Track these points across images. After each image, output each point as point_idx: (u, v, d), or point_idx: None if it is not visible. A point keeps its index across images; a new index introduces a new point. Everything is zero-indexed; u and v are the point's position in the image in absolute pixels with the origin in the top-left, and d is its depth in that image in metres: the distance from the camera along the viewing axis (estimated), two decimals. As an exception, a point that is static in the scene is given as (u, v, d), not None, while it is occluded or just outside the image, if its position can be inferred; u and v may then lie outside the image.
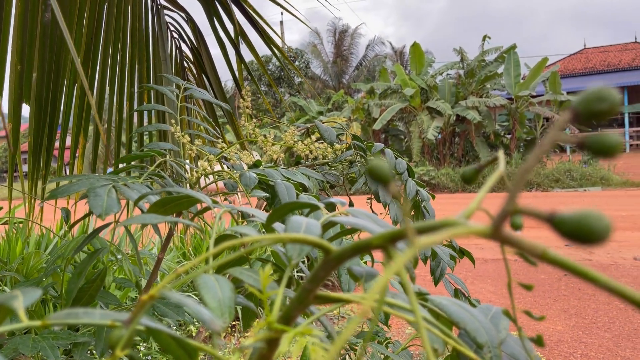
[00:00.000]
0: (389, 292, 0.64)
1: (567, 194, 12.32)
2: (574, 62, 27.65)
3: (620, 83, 22.22)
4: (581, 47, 29.60)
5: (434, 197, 1.27)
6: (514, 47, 17.41)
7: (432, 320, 0.35)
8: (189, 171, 1.06)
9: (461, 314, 0.40)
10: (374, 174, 0.21)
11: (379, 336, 1.49)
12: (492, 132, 17.30)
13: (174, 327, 3.18)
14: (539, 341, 0.35)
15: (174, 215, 0.81)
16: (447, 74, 18.91)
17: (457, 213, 0.25)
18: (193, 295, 3.47)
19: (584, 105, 0.18)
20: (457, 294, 1.09)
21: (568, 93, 17.77)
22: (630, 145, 22.25)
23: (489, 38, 17.81)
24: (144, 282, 1.56)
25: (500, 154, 0.31)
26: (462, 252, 1.19)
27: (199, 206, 1.28)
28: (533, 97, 17.10)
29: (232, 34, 2.05)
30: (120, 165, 1.01)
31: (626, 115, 22.74)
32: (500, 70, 17.54)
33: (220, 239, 0.51)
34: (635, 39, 28.14)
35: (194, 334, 3.33)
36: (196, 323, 3.37)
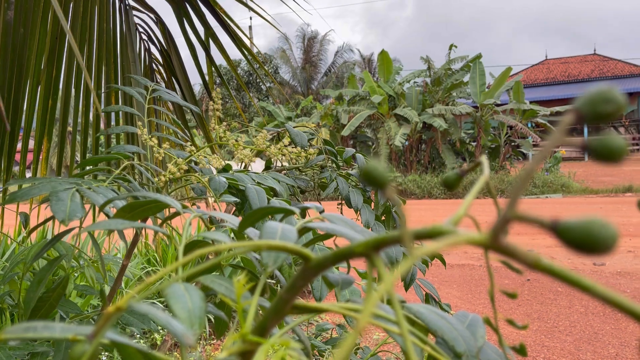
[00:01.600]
0: (362, 299, 0.63)
1: (530, 201, 12.63)
2: (536, 72, 28.43)
3: (580, 94, 22.90)
4: (543, 58, 30.48)
5: (404, 202, 1.27)
6: (479, 56, 17.77)
7: (414, 330, 0.34)
8: (156, 175, 1.03)
9: (439, 323, 0.39)
10: (370, 176, 0.20)
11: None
12: (457, 140, 17.59)
13: (138, 336, 3.10)
14: (521, 350, 0.34)
15: (141, 220, 0.78)
16: (415, 82, 19.16)
17: (425, 219, 0.24)
18: (158, 303, 3.39)
19: (589, 107, 0.17)
20: (428, 298, 1.09)
21: (530, 102, 18.21)
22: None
23: (455, 47, 18.14)
24: (107, 289, 1.51)
25: (484, 158, 0.30)
26: (433, 255, 1.19)
27: (167, 212, 1.24)
28: (497, 105, 17.48)
29: (203, 36, 2.02)
30: (86, 169, 0.98)
31: (585, 126, 23.50)
32: (466, 79, 17.88)
33: (190, 245, 0.49)
34: (595, 51, 29.17)
35: (159, 343, 3.25)
36: (161, 331, 3.29)
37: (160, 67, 2.27)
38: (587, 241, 0.16)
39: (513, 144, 18.11)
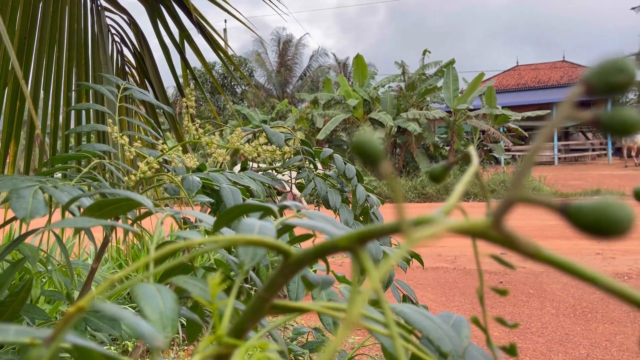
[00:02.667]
0: (340, 298, 0.61)
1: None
2: (508, 78, 28.96)
3: (549, 99, 23.44)
4: (514, 64, 31.07)
5: (384, 202, 1.26)
6: (452, 62, 18.01)
7: (400, 331, 0.33)
8: (127, 174, 1.00)
9: (424, 323, 0.38)
10: (361, 149, 0.18)
11: (325, 345, 1.46)
12: (431, 144, 17.77)
13: (108, 343, 3.02)
14: (511, 350, 0.33)
15: (111, 220, 0.75)
16: (389, 87, 19.29)
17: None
18: (129, 308, 3.32)
19: (599, 77, 0.16)
20: (405, 300, 1.08)
21: (502, 107, 18.51)
22: (559, 158, 23.47)
23: (429, 52, 18.34)
24: (77, 294, 1.46)
25: (472, 148, 0.29)
26: (411, 255, 1.18)
27: (138, 213, 1.21)
28: (470, 110, 17.72)
29: (177, 38, 1.98)
30: (54, 168, 0.94)
31: (555, 130, 23.95)
32: (439, 84, 18.08)
33: (163, 245, 0.47)
34: (564, 58, 29.85)
35: (130, 349, 3.17)
36: (133, 338, 3.22)
37: (132, 70, 2.22)
38: (602, 223, 0.15)
39: (485, 148, 18.39)
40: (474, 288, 5.14)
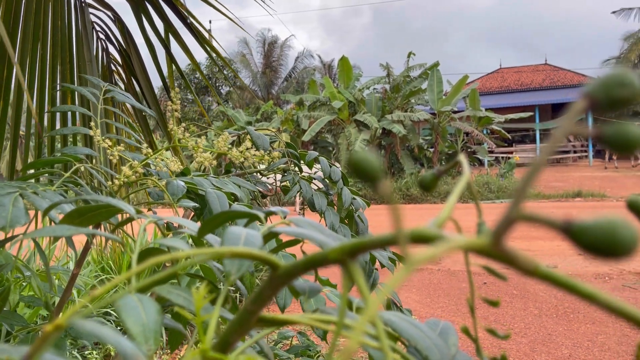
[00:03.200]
0: (328, 307, 0.60)
1: (486, 206, 12.95)
2: (491, 81, 29.24)
3: (532, 102, 23.71)
4: (497, 67, 31.39)
5: (369, 205, 1.26)
6: (437, 64, 18.14)
7: (392, 344, 0.32)
8: (110, 178, 0.98)
9: (412, 332, 0.37)
10: (360, 168, 0.18)
11: (310, 350, 1.45)
12: (416, 146, 17.87)
13: (90, 347, 2.98)
14: (502, 361, 0.33)
15: (92, 227, 0.74)
16: (374, 89, 19.36)
17: (385, 224, 0.22)
18: (112, 312, 3.27)
19: (603, 92, 0.16)
20: (389, 304, 1.08)
21: (486, 109, 18.68)
22: (541, 160, 23.68)
23: (414, 55, 18.45)
24: (57, 300, 1.43)
25: (462, 157, 0.28)
26: (397, 258, 1.18)
27: (121, 218, 1.19)
28: (454, 112, 17.86)
29: (162, 34, 1.95)
30: (34, 172, 0.92)
31: (537, 133, 24.28)
32: (424, 86, 18.20)
33: (145, 253, 0.46)
34: (546, 61, 30.23)
35: (112, 353, 3.13)
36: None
37: (119, 68, 2.18)
38: (607, 244, 0.15)
39: (469, 150, 18.54)
40: (458, 289, 5.17)
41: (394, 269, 1.05)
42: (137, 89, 2.11)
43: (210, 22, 35.85)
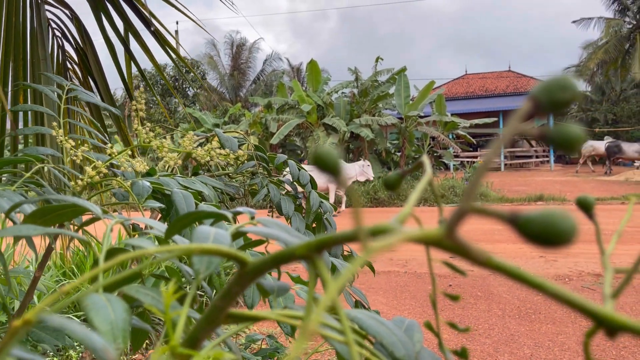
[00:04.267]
0: (298, 304, 0.61)
1: (451, 208, 13.13)
2: (457, 87, 29.78)
3: (496, 107, 24.25)
4: (463, 73, 32.00)
5: (336, 209, 1.27)
6: (404, 69, 18.36)
7: (357, 338, 0.33)
8: (73, 179, 0.96)
9: (378, 328, 0.38)
10: (321, 162, 0.18)
11: (278, 353, 1.45)
12: (383, 150, 18.03)
13: (52, 354, 2.90)
14: (462, 354, 0.34)
15: (55, 227, 0.72)
16: (343, 93, 19.46)
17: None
18: (75, 317, 3.19)
19: (546, 95, 0.17)
20: (358, 305, 1.09)
21: (452, 115, 19.00)
22: (505, 164, 24.31)
23: (382, 59, 18.64)
24: (17, 304, 1.39)
25: (425, 158, 0.29)
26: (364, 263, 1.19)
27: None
28: (421, 117, 18.09)
29: (123, 34, 1.92)
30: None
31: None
32: (391, 90, 18.39)
33: (111, 253, 0.45)
34: (509, 67, 30.97)
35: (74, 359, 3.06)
36: (77, 347, 3.10)
37: (75, 66, 2.14)
38: (548, 234, 0.16)
39: (435, 154, 18.82)
40: (424, 291, 5.24)
41: (356, 275, 1.06)
42: (94, 88, 2.08)
43: (177, 23, 35.39)
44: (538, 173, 21.41)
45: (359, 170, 12.53)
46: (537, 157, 25.44)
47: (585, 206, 0.25)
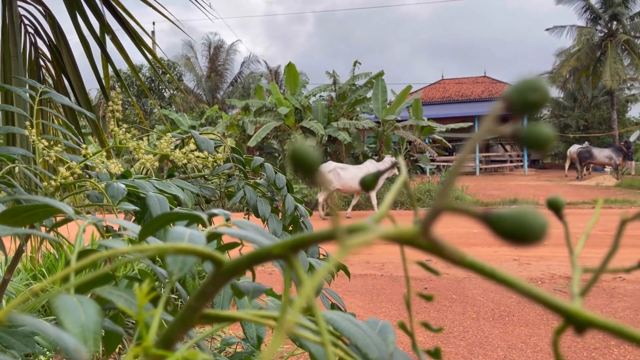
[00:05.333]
0: (263, 305, 0.61)
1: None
2: (433, 91, 30.12)
3: (472, 112, 24.60)
4: (439, 78, 32.38)
5: (311, 213, 1.27)
6: (381, 73, 18.50)
7: (333, 339, 0.33)
8: (46, 180, 0.95)
9: (352, 330, 0.38)
10: (298, 159, 0.18)
11: (253, 356, 1.44)
12: (361, 153, 18.11)
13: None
14: (436, 354, 0.34)
15: (26, 228, 0.71)
16: (320, 96, 19.52)
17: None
18: (44, 321, 3.12)
19: (517, 95, 0.17)
20: (334, 308, 1.09)
21: (428, 119, 19.20)
22: (480, 169, 24.67)
23: (360, 64, 18.75)
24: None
25: (401, 159, 0.30)
26: (339, 267, 1.19)
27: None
28: (398, 121, 18.24)
29: (98, 33, 1.89)
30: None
31: (477, 143, 25.03)
32: (369, 95, 18.50)
33: (84, 254, 0.45)
34: (485, 73, 31.46)
35: (44, 365, 2.98)
36: (48, 353, 3.03)
37: (48, 64, 2.10)
38: (519, 231, 0.16)
39: (412, 158, 18.98)
40: (400, 294, 5.27)
41: (331, 280, 1.07)
42: (68, 86, 2.04)
43: (153, 23, 35.02)
44: (512, 177, 21.77)
45: (389, 167, 12.39)
46: (511, 161, 25.86)
47: (555, 207, 0.26)
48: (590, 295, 5.04)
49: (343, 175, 12.05)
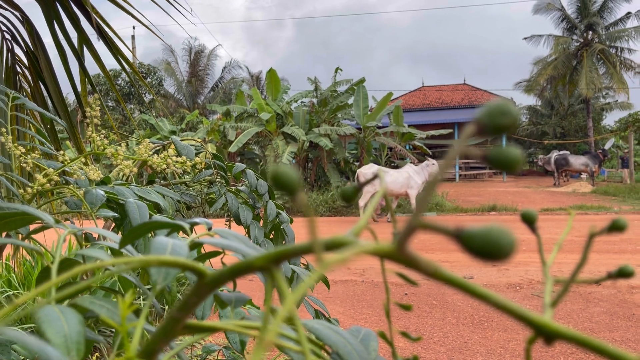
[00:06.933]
0: (246, 315, 0.61)
1: (407, 218, 13.34)
2: (414, 98, 30.39)
3: (452, 119, 24.86)
4: (420, 85, 32.71)
5: (292, 221, 1.27)
6: (362, 80, 18.61)
7: (314, 348, 0.34)
8: (23, 187, 0.93)
9: (334, 338, 0.39)
10: (280, 181, 0.19)
11: (234, 364, 1.43)
12: (342, 159, 18.16)
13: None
14: (415, 361, 0.35)
15: (3, 236, 0.70)
16: (302, 102, 19.54)
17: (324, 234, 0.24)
18: (20, 330, 3.06)
19: (488, 119, 0.18)
20: (318, 315, 1.10)
21: (409, 126, 19.36)
22: (460, 175, 24.91)
23: (341, 70, 18.84)
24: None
25: (381, 172, 0.30)
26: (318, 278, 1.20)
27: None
28: (379, 128, 18.36)
29: (76, 42, 1.87)
30: None
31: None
32: (350, 101, 18.59)
33: (64, 264, 0.44)
34: (464, 81, 31.87)
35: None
36: (23, 361, 2.97)
37: (25, 70, 2.07)
38: (489, 248, 0.17)
39: (393, 164, 19.09)
40: (381, 300, 5.29)
41: (313, 287, 1.07)
42: (45, 93, 2.01)
43: (134, 27, 34.73)
44: (491, 184, 22.04)
45: (427, 172, 12.18)
46: (490, 168, 26.18)
47: (529, 219, 0.27)
48: (566, 300, 5.12)
49: (385, 178, 12.05)
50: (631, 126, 22.92)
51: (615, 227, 0.23)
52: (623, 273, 0.25)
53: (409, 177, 12.03)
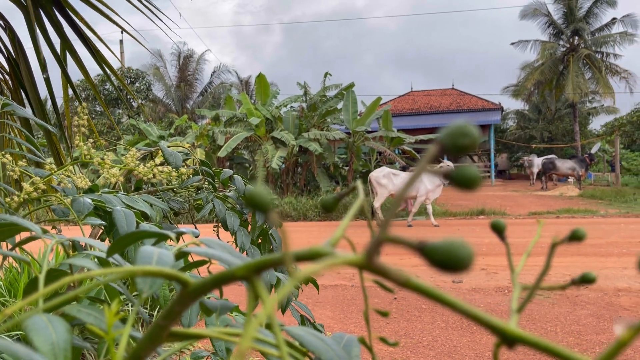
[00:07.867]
0: (231, 322, 0.62)
1: (397, 223, 13.42)
2: (403, 103, 30.53)
3: (441, 124, 24.93)
4: (409, 90, 32.87)
5: (281, 225, 1.28)
6: (352, 85, 18.67)
7: (293, 353, 0.35)
8: (9, 195, 0.93)
9: (316, 344, 0.40)
10: (253, 201, 0.20)
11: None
12: (331, 164, 18.20)
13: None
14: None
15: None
16: (291, 107, 19.57)
17: (301, 240, 0.25)
18: (7, 338, 3.03)
19: (450, 140, 0.19)
20: (304, 320, 1.11)
21: (398, 130, 19.45)
22: (448, 179, 24.98)
23: (330, 75, 18.89)
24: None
25: (359, 183, 0.32)
26: (308, 280, 1.21)
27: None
28: (368, 132, 18.43)
29: (58, 48, 1.86)
30: None
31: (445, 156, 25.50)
32: (339, 106, 18.64)
33: (52, 274, 0.45)
34: (453, 85, 32.08)
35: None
36: (9, 369, 2.94)
37: (6, 76, 2.06)
38: (449, 261, 0.18)
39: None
40: (371, 304, 5.29)
41: (298, 293, 1.08)
42: (25, 100, 2.00)
43: (122, 32, 34.54)
44: (480, 188, 22.16)
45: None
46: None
47: (498, 229, 0.28)
48: (554, 303, 5.17)
49: (396, 181, 12.07)
50: (617, 130, 23.23)
51: (575, 237, 0.25)
52: (586, 279, 0.26)
53: (420, 180, 12.14)
